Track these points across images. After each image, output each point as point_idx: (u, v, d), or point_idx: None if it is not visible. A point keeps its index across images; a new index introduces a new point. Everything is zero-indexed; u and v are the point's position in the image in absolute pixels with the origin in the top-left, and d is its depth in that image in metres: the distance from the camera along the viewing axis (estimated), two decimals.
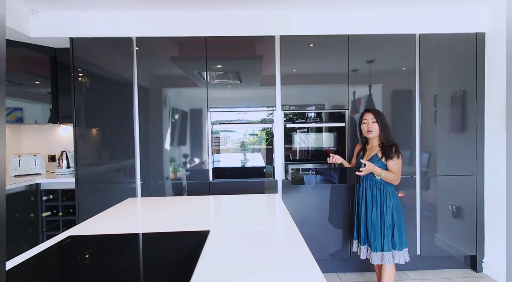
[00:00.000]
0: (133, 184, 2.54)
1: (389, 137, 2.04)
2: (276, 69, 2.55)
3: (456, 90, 2.55)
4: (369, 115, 2.08)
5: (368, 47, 2.53)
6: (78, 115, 2.52)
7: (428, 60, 2.54)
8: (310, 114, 2.60)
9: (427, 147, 2.56)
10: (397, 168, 1.99)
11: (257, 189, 2.56)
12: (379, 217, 2.01)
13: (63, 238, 1.14)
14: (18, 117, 2.69)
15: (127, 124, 2.53)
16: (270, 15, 2.55)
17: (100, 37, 2.52)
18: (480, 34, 2.54)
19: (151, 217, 1.47)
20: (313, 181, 2.45)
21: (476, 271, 2.58)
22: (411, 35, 2.53)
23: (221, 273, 0.84)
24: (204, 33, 2.53)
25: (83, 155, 2.52)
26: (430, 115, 2.56)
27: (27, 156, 2.84)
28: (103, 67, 2.53)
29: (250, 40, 2.55)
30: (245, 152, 2.61)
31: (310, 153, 2.61)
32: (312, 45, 2.54)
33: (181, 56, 2.57)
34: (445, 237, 2.57)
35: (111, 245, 1.10)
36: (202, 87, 2.55)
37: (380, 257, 2.01)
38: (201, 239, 1.10)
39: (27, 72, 2.70)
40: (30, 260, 0.94)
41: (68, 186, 2.63)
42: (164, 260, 0.95)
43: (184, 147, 2.57)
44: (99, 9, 2.50)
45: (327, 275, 2.55)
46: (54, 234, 2.59)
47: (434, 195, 2.57)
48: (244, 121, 2.60)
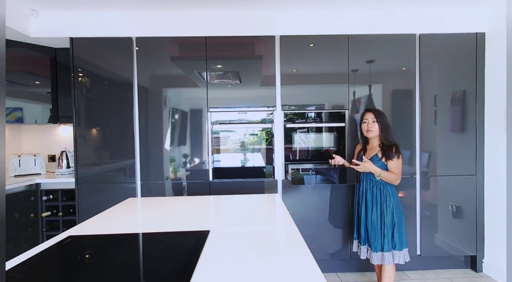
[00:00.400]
0: (133, 184, 2.54)
1: (389, 138, 2.03)
2: (276, 69, 2.55)
3: (456, 90, 2.55)
4: (370, 115, 2.08)
5: (368, 47, 2.53)
6: (78, 115, 2.52)
7: (428, 60, 2.54)
8: (310, 114, 2.60)
9: (427, 147, 2.56)
10: (397, 168, 1.99)
11: (257, 189, 2.56)
12: (379, 217, 2.01)
13: (63, 238, 1.14)
14: (18, 117, 2.69)
15: (127, 124, 2.53)
16: (270, 15, 2.55)
17: (100, 37, 2.52)
18: (480, 34, 2.54)
19: (151, 217, 1.47)
20: (313, 181, 2.45)
21: (476, 271, 2.58)
22: (411, 35, 2.53)
23: (221, 273, 0.84)
24: (204, 33, 2.53)
25: (83, 155, 2.52)
26: (430, 115, 2.56)
27: (27, 156, 2.84)
28: (103, 67, 2.53)
29: (250, 40, 2.55)
30: (245, 152, 2.61)
31: (310, 153, 2.61)
32: (312, 45, 2.54)
33: (181, 56, 2.57)
34: (445, 237, 2.56)
35: (111, 245, 1.10)
36: (202, 87, 2.55)
37: (380, 257, 2.01)
38: (201, 239, 1.09)
39: (27, 72, 2.70)
40: (30, 260, 0.94)
41: (68, 186, 2.63)
42: (164, 260, 0.95)
43: (184, 147, 2.57)
44: (99, 9, 2.50)
45: (327, 275, 2.55)
46: (54, 234, 2.59)
47: (434, 195, 2.57)
48: (244, 121, 2.60)
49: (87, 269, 0.91)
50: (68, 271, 0.92)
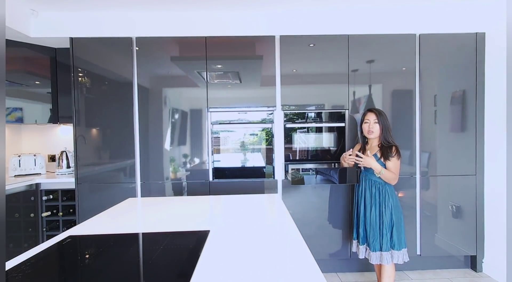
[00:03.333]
0: (133, 184, 2.54)
1: (388, 139, 2.03)
2: (276, 69, 2.55)
3: (456, 90, 2.55)
4: (372, 115, 2.07)
5: (368, 47, 2.53)
6: (78, 115, 2.52)
7: (428, 60, 2.54)
8: (310, 114, 2.60)
9: (427, 147, 2.56)
10: (395, 168, 1.99)
11: (257, 189, 2.56)
12: (378, 217, 2.01)
13: (63, 238, 1.14)
14: (18, 117, 2.69)
15: (127, 124, 2.53)
16: (270, 15, 2.55)
17: (100, 37, 2.52)
18: (480, 34, 2.54)
19: (151, 217, 1.47)
20: (313, 181, 2.45)
21: (476, 271, 2.58)
22: (411, 35, 2.53)
23: (221, 273, 0.84)
24: (204, 33, 2.53)
25: (83, 155, 2.52)
26: (430, 115, 2.56)
27: (27, 156, 2.84)
28: (103, 67, 2.53)
29: (250, 40, 2.55)
30: (245, 152, 2.61)
31: (310, 153, 2.61)
32: (312, 45, 2.54)
33: (181, 56, 2.57)
34: (445, 237, 2.57)
35: (111, 245, 1.10)
36: (202, 87, 2.55)
37: (378, 257, 2.01)
38: (201, 239, 1.10)
39: (27, 72, 2.70)
40: (30, 260, 0.94)
41: (68, 186, 2.63)
42: (164, 260, 0.95)
43: (184, 147, 2.57)
44: (99, 9, 2.50)
45: (327, 275, 2.55)
46: (54, 234, 2.59)
47: (434, 195, 2.57)
48: (244, 121, 2.60)
49: (87, 269, 0.91)
50: (68, 271, 0.92)
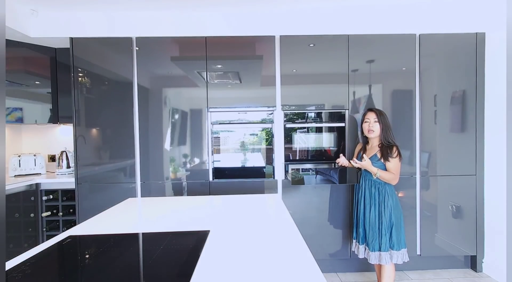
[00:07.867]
0: (133, 184, 2.54)
1: (388, 138, 2.04)
2: (276, 69, 2.55)
3: (456, 90, 2.55)
4: (372, 115, 2.07)
5: (368, 47, 2.53)
6: (78, 115, 2.52)
7: (428, 60, 2.54)
8: (310, 114, 2.60)
9: (427, 147, 2.56)
10: (395, 168, 1.99)
11: (257, 189, 2.56)
12: (377, 217, 2.01)
13: (63, 238, 1.14)
14: (18, 117, 2.69)
15: (127, 124, 2.53)
16: (270, 14, 2.55)
17: (100, 37, 2.52)
18: (480, 34, 2.54)
19: (151, 217, 1.47)
20: (313, 181, 2.45)
21: (476, 271, 2.58)
22: (411, 35, 2.53)
23: (221, 273, 0.84)
24: (204, 33, 2.53)
25: (83, 155, 2.52)
26: (430, 115, 2.56)
27: (27, 156, 2.84)
28: (103, 67, 2.53)
29: (250, 40, 2.55)
30: (245, 152, 2.61)
31: (310, 153, 2.61)
32: (312, 45, 2.54)
33: (181, 56, 2.57)
34: (445, 237, 2.57)
35: (111, 245, 1.10)
36: (202, 87, 2.55)
37: (377, 257, 2.01)
38: (201, 239, 1.10)
39: (27, 72, 2.70)
40: (30, 260, 0.94)
41: (68, 186, 2.63)
42: (164, 260, 0.95)
43: (184, 146, 2.57)
44: (99, 9, 2.50)
45: (327, 275, 2.55)
46: (54, 234, 2.59)
47: (434, 195, 2.57)
48: (244, 121, 2.60)
49: (87, 269, 0.91)
50: (68, 271, 0.92)
